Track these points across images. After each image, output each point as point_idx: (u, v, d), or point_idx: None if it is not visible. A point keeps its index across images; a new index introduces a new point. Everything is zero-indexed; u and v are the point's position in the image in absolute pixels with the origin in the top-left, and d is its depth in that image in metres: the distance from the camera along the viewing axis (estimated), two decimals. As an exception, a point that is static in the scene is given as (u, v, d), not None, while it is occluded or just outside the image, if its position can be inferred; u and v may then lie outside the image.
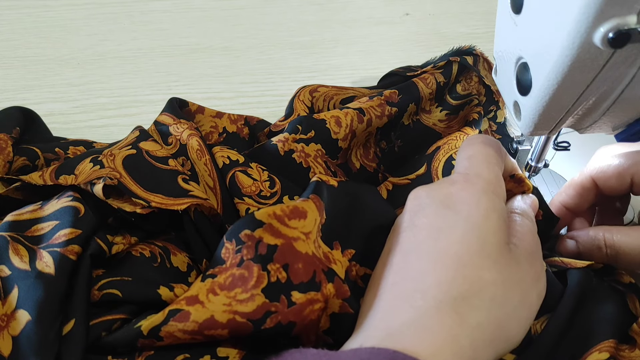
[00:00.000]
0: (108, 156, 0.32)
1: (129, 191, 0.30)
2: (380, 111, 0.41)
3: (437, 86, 0.44)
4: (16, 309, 0.24)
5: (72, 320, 0.25)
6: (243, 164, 0.36)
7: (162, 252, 0.31)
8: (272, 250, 0.26)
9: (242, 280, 0.26)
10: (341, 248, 0.30)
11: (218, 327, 0.25)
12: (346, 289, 0.27)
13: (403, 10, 0.64)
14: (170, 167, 0.33)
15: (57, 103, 0.50)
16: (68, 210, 0.28)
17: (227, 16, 0.62)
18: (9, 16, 0.60)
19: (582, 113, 0.31)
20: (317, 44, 0.59)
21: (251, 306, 0.25)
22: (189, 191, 0.32)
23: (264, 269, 0.26)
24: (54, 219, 0.28)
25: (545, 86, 0.28)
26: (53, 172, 0.31)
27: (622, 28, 0.22)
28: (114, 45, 0.57)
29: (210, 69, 0.56)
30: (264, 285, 0.26)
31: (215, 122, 0.42)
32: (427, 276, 0.25)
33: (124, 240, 0.30)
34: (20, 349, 0.23)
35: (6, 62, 0.54)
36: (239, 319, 0.25)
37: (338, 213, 0.31)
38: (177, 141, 0.37)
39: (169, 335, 0.25)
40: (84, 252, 0.27)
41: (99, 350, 0.26)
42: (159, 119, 0.39)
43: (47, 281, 0.25)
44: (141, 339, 0.25)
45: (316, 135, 0.38)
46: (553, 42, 0.26)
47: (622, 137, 0.33)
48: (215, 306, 0.25)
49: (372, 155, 0.42)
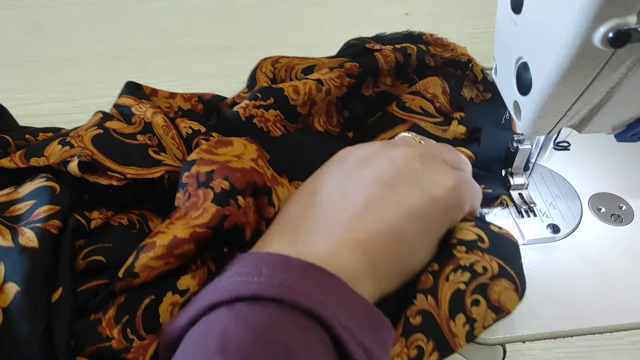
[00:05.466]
0: (76, 137, 0.32)
1: (103, 166, 0.31)
2: (339, 82, 0.42)
3: (397, 64, 0.45)
4: (4, 283, 0.25)
5: (60, 288, 0.26)
6: (205, 133, 0.37)
7: (140, 219, 0.33)
8: (210, 174, 0.29)
9: (193, 204, 0.28)
10: (288, 179, 0.33)
11: (184, 243, 0.27)
12: (270, 211, 0.30)
13: (403, 10, 0.64)
14: (139, 141, 0.35)
15: (57, 103, 0.50)
16: (44, 189, 0.29)
17: (227, 16, 0.62)
18: (9, 16, 0.60)
19: (582, 113, 0.31)
20: (317, 44, 0.59)
21: (206, 217, 0.27)
22: (161, 161, 0.33)
23: (207, 187, 0.29)
24: (30, 198, 0.29)
25: (545, 86, 0.28)
26: (22, 155, 0.31)
27: (622, 28, 0.22)
28: (113, 45, 0.57)
29: (210, 69, 0.56)
30: (211, 197, 0.28)
31: (169, 103, 0.43)
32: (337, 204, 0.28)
33: (101, 215, 0.31)
34: (12, 319, 0.24)
35: (6, 62, 0.54)
36: (199, 230, 0.27)
37: (284, 151, 0.34)
38: (142, 120, 0.37)
39: (144, 267, 0.26)
40: (65, 226, 0.28)
41: (87, 315, 0.27)
42: (119, 101, 0.40)
43: (32, 254, 0.26)
44: (119, 282, 0.26)
45: (275, 102, 0.39)
46: (553, 42, 0.26)
47: (622, 137, 0.33)
48: (175, 229, 0.27)
49: (335, 122, 0.44)
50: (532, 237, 0.39)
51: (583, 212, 0.41)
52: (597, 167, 0.45)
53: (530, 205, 0.41)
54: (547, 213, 0.41)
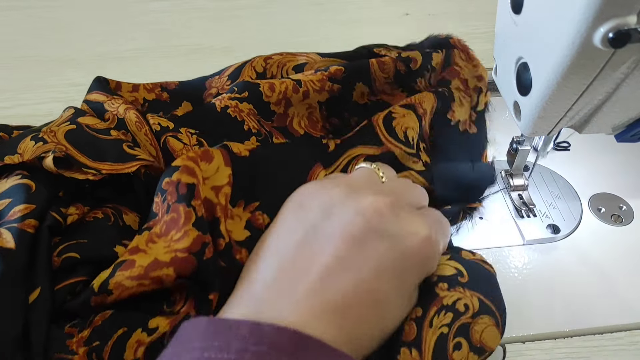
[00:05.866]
0: (48, 133, 0.32)
1: (78, 162, 0.31)
2: (319, 85, 0.41)
3: (397, 73, 0.43)
4: None
5: (38, 288, 0.26)
6: (173, 130, 0.37)
7: (115, 212, 0.32)
8: (192, 188, 0.28)
9: (174, 222, 0.28)
10: (244, 203, 0.31)
11: (163, 266, 0.26)
12: (220, 242, 0.29)
13: (403, 10, 0.64)
14: (114, 136, 0.34)
15: (57, 103, 0.50)
16: (19, 187, 0.29)
17: (227, 16, 0.62)
18: (9, 16, 0.60)
19: (582, 113, 0.31)
20: (317, 44, 0.59)
21: (187, 241, 0.27)
22: (136, 155, 0.33)
23: (189, 205, 0.28)
24: (6, 197, 0.29)
25: (545, 86, 0.28)
26: None
27: (622, 28, 0.22)
28: (114, 46, 0.57)
29: (210, 69, 0.56)
30: (193, 220, 0.27)
31: (134, 96, 0.43)
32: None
33: (77, 210, 0.31)
34: None
35: (6, 62, 0.54)
36: (181, 255, 0.26)
37: (245, 171, 0.32)
38: (114, 116, 0.37)
39: (117, 285, 0.26)
40: (41, 225, 0.28)
41: (65, 316, 0.27)
42: (90, 97, 0.39)
43: (9, 255, 0.26)
44: (94, 296, 0.26)
45: (249, 95, 0.39)
46: (553, 42, 0.26)
47: (622, 137, 0.33)
48: (157, 250, 0.27)
49: (319, 127, 0.42)
50: (532, 237, 0.39)
51: (583, 212, 0.41)
52: (597, 168, 0.45)
53: (530, 207, 0.41)
54: (547, 213, 0.41)
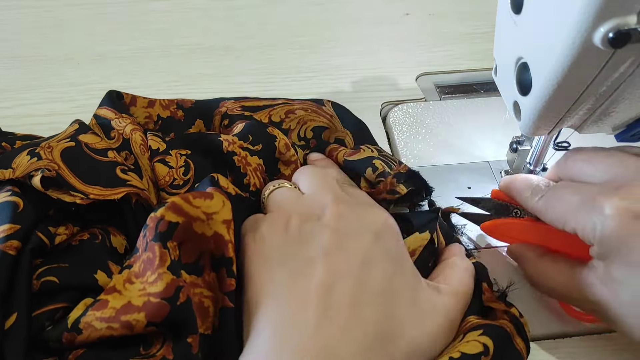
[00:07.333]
0: (46, 148, 0.32)
1: (67, 184, 0.30)
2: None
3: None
4: None
5: (14, 314, 0.25)
6: (163, 152, 0.36)
7: (103, 232, 0.32)
8: (173, 228, 0.27)
9: (149, 262, 0.26)
10: None
11: (134, 311, 0.25)
12: (231, 282, 0.28)
13: (403, 10, 0.64)
14: (109, 158, 0.34)
15: (57, 103, 0.50)
16: (7, 205, 0.28)
17: (227, 16, 0.62)
18: (9, 16, 0.60)
19: (582, 113, 0.31)
20: (317, 44, 0.59)
21: (160, 285, 0.26)
22: (127, 181, 0.33)
23: (165, 246, 0.27)
24: None
25: (545, 86, 0.28)
26: None
27: (622, 28, 0.22)
28: (113, 45, 0.57)
29: (210, 69, 0.56)
30: (168, 263, 0.26)
31: (149, 112, 0.42)
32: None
33: (67, 230, 0.30)
34: None
35: (6, 62, 0.54)
36: (153, 300, 0.25)
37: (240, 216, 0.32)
38: (120, 135, 0.37)
39: (87, 325, 0.25)
40: (24, 246, 0.27)
41: (43, 344, 0.26)
42: (99, 112, 0.39)
43: None
44: (65, 332, 0.26)
45: (262, 148, 0.38)
46: (553, 42, 0.26)
47: (622, 137, 0.33)
48: (132, 293, 0.26)
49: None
50: (532, 237, 0.39)
51: (583, 212, 0.41)
52: (597, 167, 0.45)
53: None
54: (547, 213, 0.41)
